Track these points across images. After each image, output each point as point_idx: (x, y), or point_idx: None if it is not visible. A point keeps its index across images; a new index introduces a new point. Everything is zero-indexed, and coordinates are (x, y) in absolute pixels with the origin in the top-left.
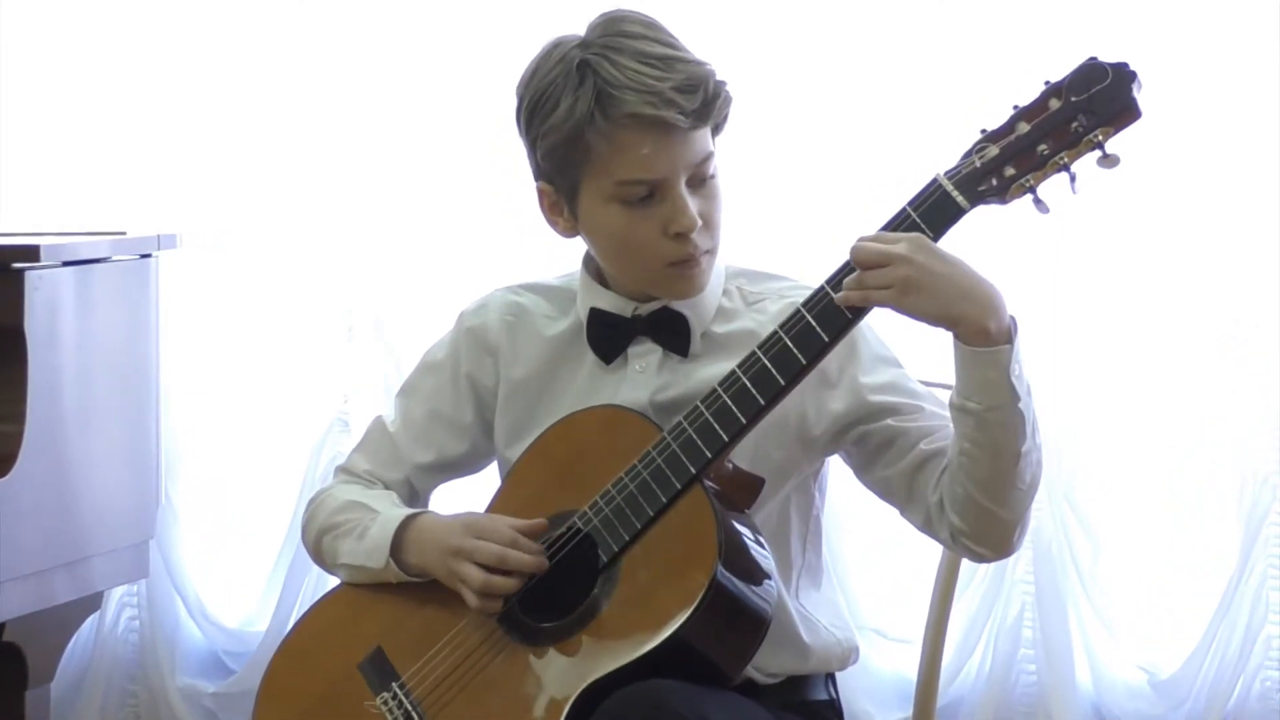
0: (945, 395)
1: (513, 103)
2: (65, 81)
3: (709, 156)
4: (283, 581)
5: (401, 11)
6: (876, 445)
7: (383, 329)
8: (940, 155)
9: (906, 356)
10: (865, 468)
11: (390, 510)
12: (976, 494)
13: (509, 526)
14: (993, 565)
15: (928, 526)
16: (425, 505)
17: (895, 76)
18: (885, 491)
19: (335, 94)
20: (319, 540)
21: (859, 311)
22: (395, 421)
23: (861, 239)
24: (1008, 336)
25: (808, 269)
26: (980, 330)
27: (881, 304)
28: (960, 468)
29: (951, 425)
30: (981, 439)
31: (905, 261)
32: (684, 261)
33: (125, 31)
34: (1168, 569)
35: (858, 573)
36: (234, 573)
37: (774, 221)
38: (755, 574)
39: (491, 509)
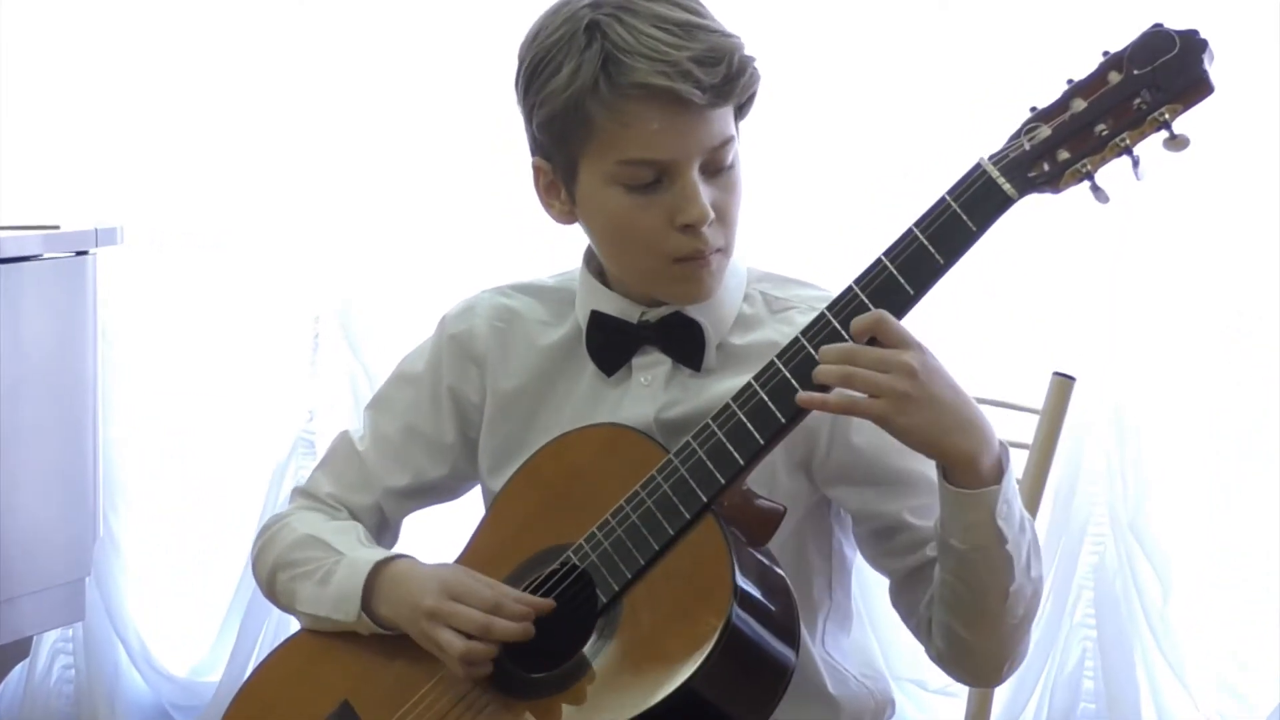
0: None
1: (492, 92)
2: None
3: (728, 141)
4: (239, 625)
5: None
6: (880, 529)
7: (353, 337)
8: (939, 152)
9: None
10: (861, 543)
11: (357, 551)
12: (958, 627)
13: (490, 589)
14: (1049, 605)
15: (917, 634)
16: (397, 534)
17: (902, 68)
18: (877, 569)
19: (297, 75)
20: (273, 576)
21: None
22: (365, 438)
23: (859, 321)
24: (997, 474)
25: (810, 265)
26: (969, 466)
27: (870, 417)
28: (942, 600)
29: None
30: (966, 576)
31: (906, 372)
32: (691, 258)
33: (65, 12)
34: (1248, 610)
35: (894, 616)
36: (183, 615)
37: (779, 218)
38: (776, 616)
39: (473, 542)
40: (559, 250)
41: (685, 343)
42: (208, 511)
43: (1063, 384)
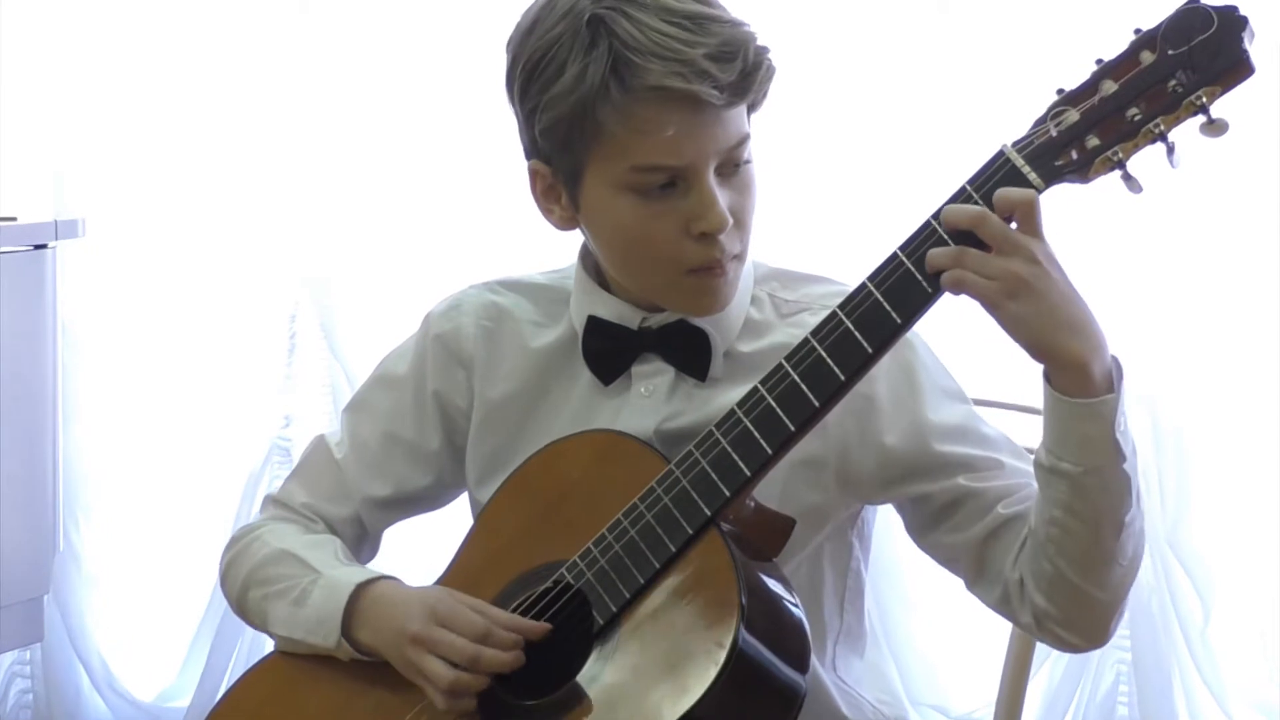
0: (1005, 418)
1: (478, 78)
2: None
3: (744, 140)
4: (209, 647)
5: None
6: (941, 506)
7: (333, 336)
8: (939, 152)
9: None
10: (924, 530)
11: (335, 570)
12: (1069, 572)
13: (480, 616)
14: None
15: (1004, 607)
16: (376, 547)
17: (901, 67)
18: (948, 559)
19: (273, 60)
20: (244, 593)
21: (913, 314)
22: (342, 444)
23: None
24: (1110, 384)
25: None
26: (1080, 372)
27: (977, 297)
28: (1049, 540)
29: (1035, 484)
30: (1078, 507)
31: (1030, 260)
32: (707, 269)
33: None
34: None
35: (913, 637)
36: (150, 635)
37: (788, 218)
38: (786, 639)
39: (459, 558)
40: (555, 243)
41: (690, 350)
42: (176, 524)
43: None
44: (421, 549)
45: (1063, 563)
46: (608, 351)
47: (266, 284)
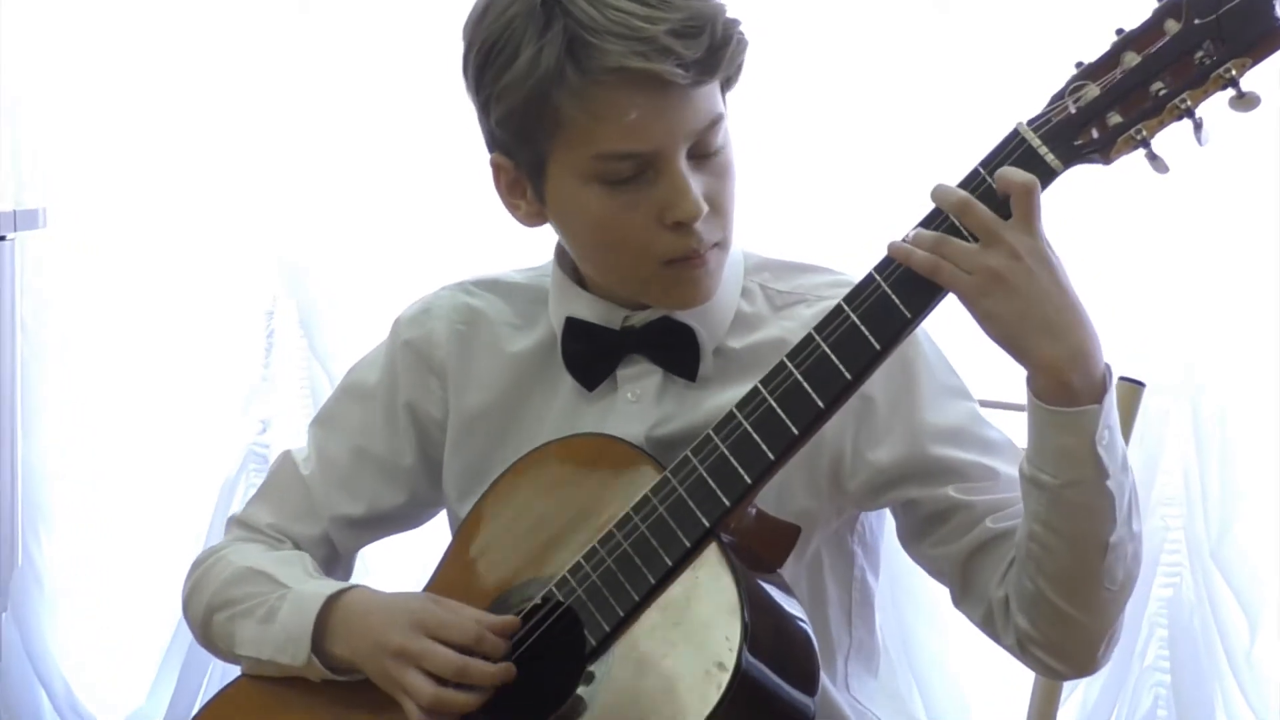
0: (1011, 420)
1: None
2: None
3: (717, 120)
4: (180, 667)
5: None
6: (928, 516)
7: (314, 335)
8: (941, 142)
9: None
10: (911, 539)
11: (305, 584)
12: (1050, 593)
13: (473, 621)
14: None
15: (988, 626)
16: (350, 570)
17: (905, 62)
18: (935, 572)
19: (248, 43)
20: (208, 618)
21: (923, 307)
22: (309, 460)
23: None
24: (1096, 394)
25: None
26: (1055, 379)
27: (951, 289)
28: (1030, 556)
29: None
30: (1057, 522)
31: (1010, 255)
32: (685, 259)
33: None
34: None
35: (939, 656)
36: (116, 656)
37: (787, 216)
38: (793, 658)
39: (439, 574)
40: (550, 235)
41: (676, 350)
42: (145, 537)
43: (1130, 390)
44: (402, 564)
45: (1043, 582)
46: (589, 355)
47: (242, 278)
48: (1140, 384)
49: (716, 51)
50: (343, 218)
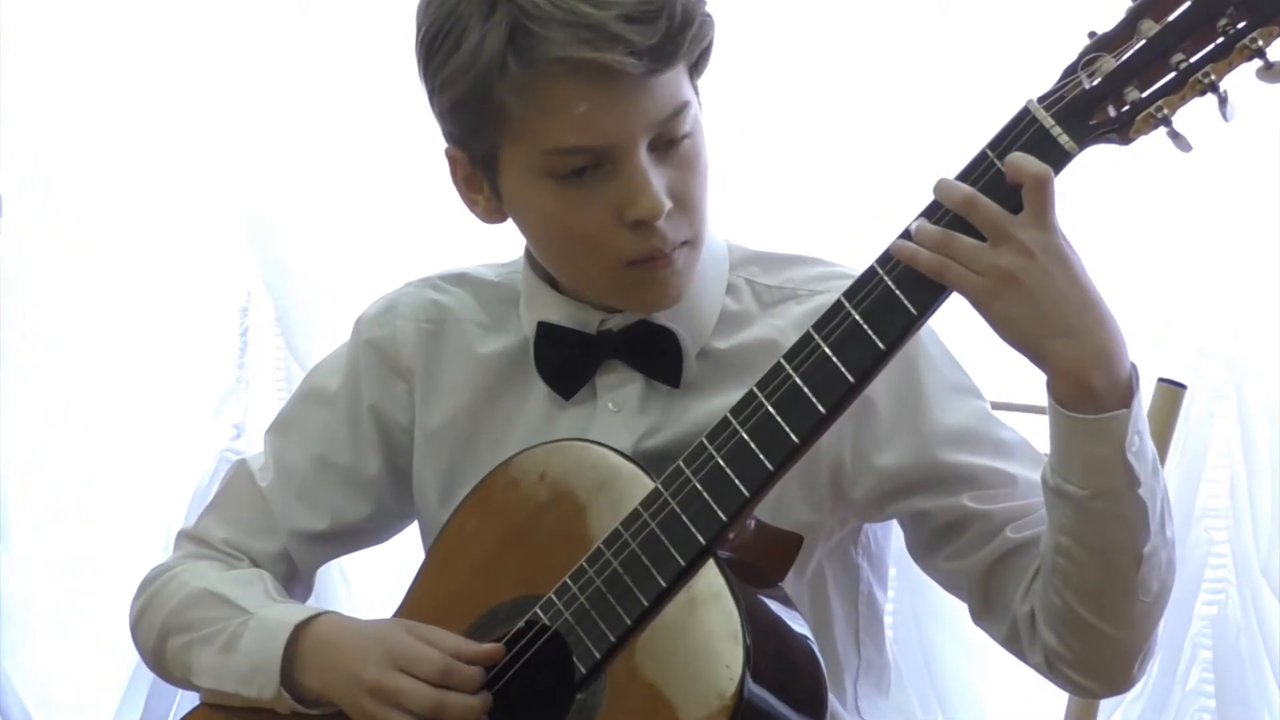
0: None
1: None
2: None
3: (682, 109)
4: (148, 688)
5: None
6: (942, 528)
7: (291, 334)
8: (941, 142)
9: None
10: (924, 552)
11: (268, 609)
12: (1080, 607)
13: (438, 654)
14: (1155, 668)
15: (1013, 644)
16: (310, 588)
17: (905, 62)
18: (952, 586)
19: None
20: (160, 645)
21: (930, 303)
22: (267, 470)
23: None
24: (1122, 397)
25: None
26: (1077, 383)
27: (960, 291)
28: (1056, 570)
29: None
30: (1086, 535)
31: (1022, 252)
32: (649, 260)
33: None
34: None
35: (961, 675)
36: (78, 680)
37: (788, 220)
38: (799, 683)
39: (413, 593)
40: None
41: (658, 353)
42: (109, 551)
43: (1170, 393)
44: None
45: (1071, 596)
46: (564, 362)
47: (215, 272)
48: (1181, 386)
49: (675, 37)
50: (323, 208)
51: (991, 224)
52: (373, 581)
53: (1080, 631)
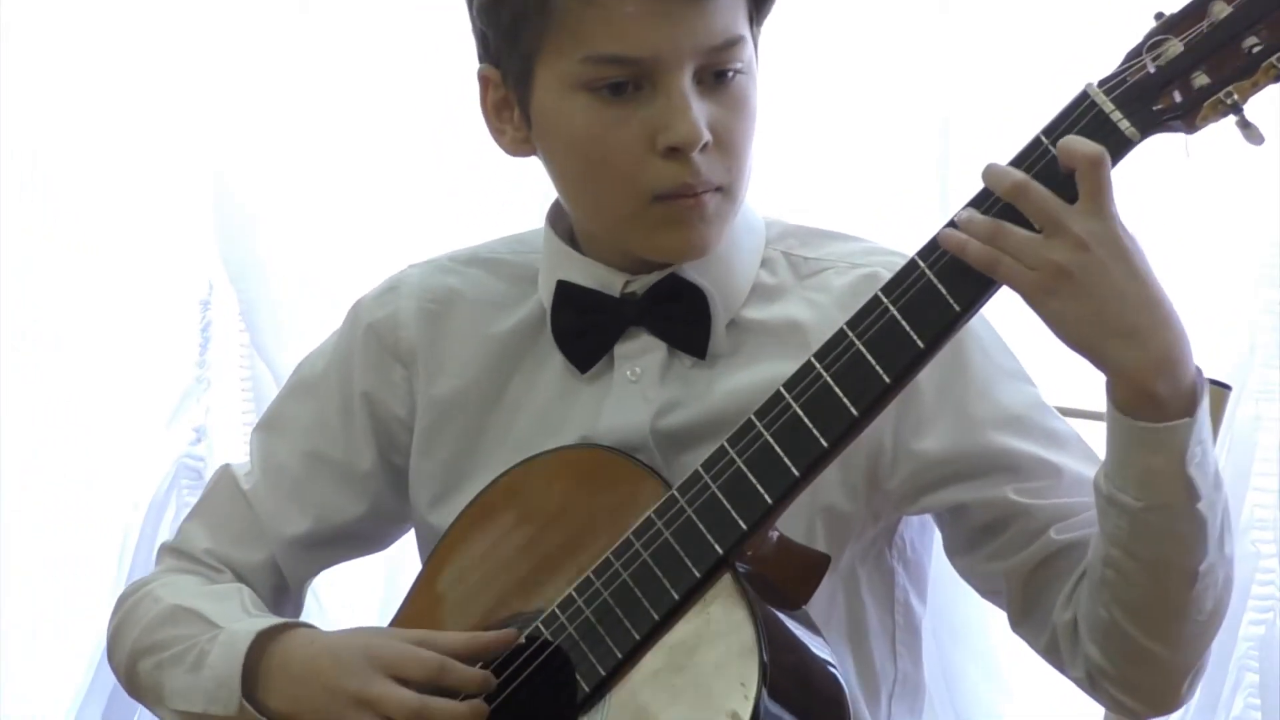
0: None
1: (451, 71)
2: None
3: (735, 43)
4: (103, 706)
5: None
6: (982, 526)
7: (257, 329)
8: (941, 142)
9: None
10: (961, 551)
11: (240, 623)
12: (1127, 624)
13: (433, 655)
14: (1197, 695)
15: (1052, 655)
16: (300, 603)
17: (905, 62)
18: (989, 590)
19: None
20: (132, 666)
21: (975, 300)
22: (252, 473)
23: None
24: (1186, 405)
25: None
26: (1138, 389)
27: (1013, 286)
28: (1104, 583)
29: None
30: (1138, 549)
31: (1077, 245)
32: (677, 196)
33: None
34: None
35: (986, 702)
36: (32, 692)
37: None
38: (818, 702)
39: (409, 605)
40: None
41: (684, 319)
42: (58, 567)
43: (1215, 395)
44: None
45: (1119, 612)
46: (583, 327)
47: (173, 262)
48: (1226, 387)
49: None
50: (294, 190)
51: (1044, 213)
52: (346, 602)
53: (1126, 648)
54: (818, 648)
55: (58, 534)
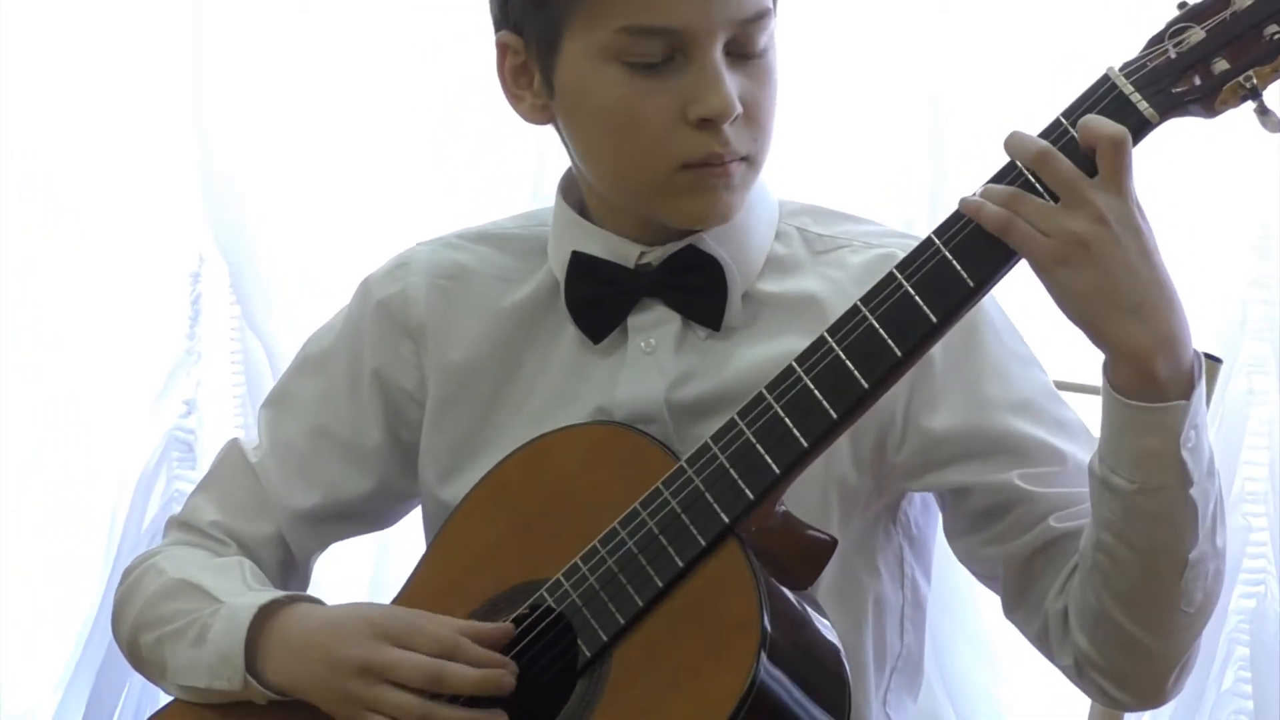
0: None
1: (447, 69)
2: None
3: (764, 16)
4: (89, 687)
5: None
6: (983, 509)
7: (248, 302)
8: (941, 142)
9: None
10: (960, 533)
11: (241, 597)
12: (1116, 611)
13: (450, 629)
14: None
15: (1042, 643)
16: (307, 578)
17: (905, 62)
18: (986, 575)
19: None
20: (134, 640)
21: (989, 276)
22: (260, 447)
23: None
24: (1183, 388)
25: None
26: (1139, 368)
27: (1024, 253)
28: (1095, 568)
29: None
30: (1130, 533)
31: (1095, 218)
32: (706, 164)
33: None
34: None
35: (981, 683)
36: (13, 684)
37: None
38: (820, 678)
39: (415, 578)
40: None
41: (699, 292)
42: (46, 543)
43: (1207, 367)
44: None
45: (1109, 599)
46: (597, 297)
47: (162, 232)
48: (1217, 360)
49: None
50: (282, 161)
51: (1065, 184)
52: (340, 584)
53: (1114, 637)
54: (819, 620)
55: (47, 508)
